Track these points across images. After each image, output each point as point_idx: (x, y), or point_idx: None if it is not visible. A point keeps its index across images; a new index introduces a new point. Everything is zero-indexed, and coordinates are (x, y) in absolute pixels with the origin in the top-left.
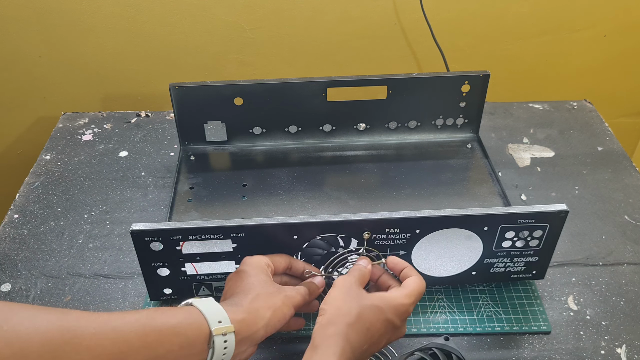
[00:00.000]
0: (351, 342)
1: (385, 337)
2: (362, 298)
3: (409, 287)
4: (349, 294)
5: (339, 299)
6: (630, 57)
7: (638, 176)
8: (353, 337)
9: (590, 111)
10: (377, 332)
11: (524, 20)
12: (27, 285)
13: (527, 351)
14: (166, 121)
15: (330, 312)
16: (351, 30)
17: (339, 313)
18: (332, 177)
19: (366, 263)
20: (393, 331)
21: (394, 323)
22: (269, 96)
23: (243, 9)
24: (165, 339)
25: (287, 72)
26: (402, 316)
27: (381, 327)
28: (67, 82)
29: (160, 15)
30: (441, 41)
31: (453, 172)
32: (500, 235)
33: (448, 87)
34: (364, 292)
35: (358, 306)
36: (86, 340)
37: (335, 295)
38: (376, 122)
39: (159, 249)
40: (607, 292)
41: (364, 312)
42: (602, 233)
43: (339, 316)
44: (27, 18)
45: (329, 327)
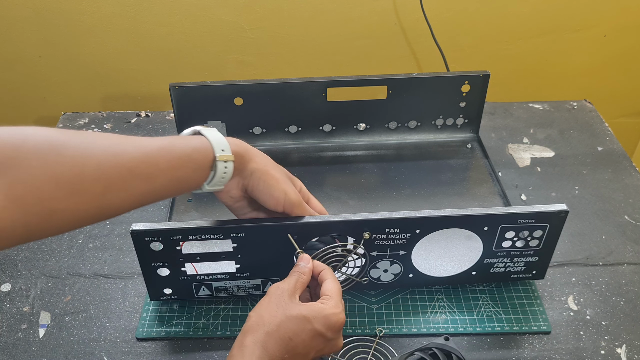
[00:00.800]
0: (269, 351)
1: (313, 348)
2: (289, 308)
3: (333, 294)
4: (276, 302)
5: (264, 307)
6: (630, 57)
7: (638, 176)
8: (271, 346)
9: (590, 111)
10: (302, 343)
11: (524, 20)
12: (27, 285)
13: (527, 351)
14: (166, 121)
15: (252, 319)
16: (351, 30)
17: (260, 321)
18: (332, 177)
19: (306, 263)
20: (324, 343)
21: (324, 335)
22: (269, 96)
23: (243, 9)
24: (184, 164)
25: (287, 72)
26: (335, 327)
27: (307, 337)
28: (67, 82)
29: (160, 15)
30: (441, 41)
31: (453, 172)
32: (500, 235)
33: (448, 87)
34: (294, 301)
35: (282, 315)
36: (127, 163)
37: (263, 303)
38: (376, 122)
39: (159, 249)
40: (607, 292)
41: (287, 322)
42: (602, 233)
43: (259, 325)
44: (27, 18)
45: (247, 335)
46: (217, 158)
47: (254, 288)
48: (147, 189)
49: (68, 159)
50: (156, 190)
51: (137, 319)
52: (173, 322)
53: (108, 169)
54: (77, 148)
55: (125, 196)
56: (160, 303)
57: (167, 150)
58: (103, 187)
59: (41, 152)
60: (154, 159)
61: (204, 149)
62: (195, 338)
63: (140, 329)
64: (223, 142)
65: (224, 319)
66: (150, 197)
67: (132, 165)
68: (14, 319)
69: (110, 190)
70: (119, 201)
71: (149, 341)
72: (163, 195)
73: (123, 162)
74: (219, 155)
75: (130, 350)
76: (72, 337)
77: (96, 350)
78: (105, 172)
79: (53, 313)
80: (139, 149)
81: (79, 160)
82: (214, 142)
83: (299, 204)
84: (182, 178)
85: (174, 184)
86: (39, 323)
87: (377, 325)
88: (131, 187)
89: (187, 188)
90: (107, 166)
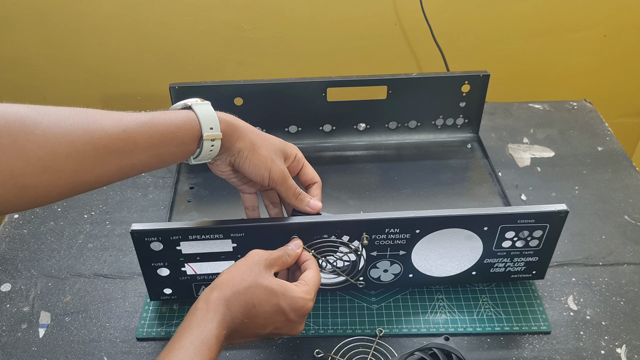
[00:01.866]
0: (232, 311)
1: (273, 323)
2: (261, 276)
3: (310, 283)
4: (250, 268)
5: (237, 268)
6: (630, 57)
7: (638, 176)
8: (235, 306)
9: (590, 111)
10: (264, 314)
11: (524, 20)
12: (27, 285)
13: (527, 351)
14: None
15: (223, 277)
16: (351, 30)
17: (230, 281)
18: (332, 177)
19: (295, 247)
20: (284, 322)
21: (286, 314)
22: (268, 96)
23: (243, 9)
24: (166, 140)
25: (287, 72)
26: (299, 311)
27: (269, 310)
28: (67, 82)
29: (160, 15)
30: (441, 41)
31: (453, 172)
32: (500, 235)
33: (448, 87)
34: (268, 273)
35: (252, 281)
36: (103, 140)
37: (238, 265)
38: (376, 122)
39: (159, 249)
40: (607, 292)
41: (254, 288)
42: (602, 233)
43: (228, 283)
44: (27, 18)
45: (214, 291)
46: (204, 137)
47: None
48: (125, 165)
49: (40, 137)
50: (135, 166)
51: (137, 319)
52: (173, 322)
53: (81, 145)
54: (50, 126)
55: (100, 172)
56: (160, 303)
57: (148, 126)
58: (77, 164)
59: (12, 129)
60: (133, 135)
61: (191, 126)
62: None
63: (140, 329)
64: (213, 119)
65: None
66: (130, 171)
67: (108, 142)
68: (14, 319)
69: (85, 167)
70: (94, 177)
71: (149, 341)
72: (144, 170)
73: (98, 139)
74: (206, 133)
75: (130, 350)
76: (72, 337)
77: (96, 350)
78: (79, 150)
79: (53, 313)
80: (117, 125)
81: (51, 138)
82: (203, 119)
83: (282, 182)
84: (165, 154)
85: (155, 160)
86: (39, 323)
87: (377, 325)
88: (107, 164)
89: (172, 162)
90: (80, 143)
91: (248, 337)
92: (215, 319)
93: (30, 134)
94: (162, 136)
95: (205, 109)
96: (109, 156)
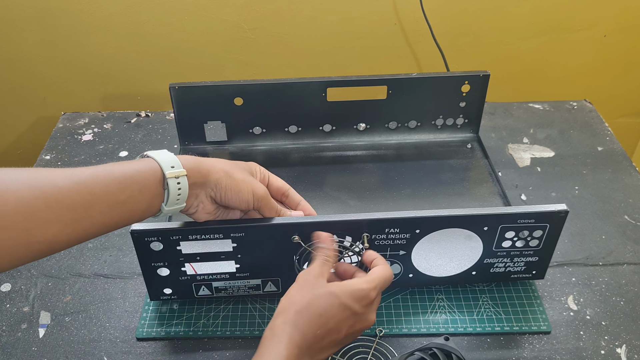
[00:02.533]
0: (300, 329)
1: (345, 323)
2: (317, 286)
3: (372, 274)
4: (304, 285)
5: (294, 290)
6: (630, 57)
7: (638, 176)
8: (302, 323)
9: (590, 111)
10: (333, 318)
11: (524, 20)
12: (27, 285)
13: (527, 351)
14: (166, 121)
15: (282, 303)
16: (351, 30)
17: (290, 302)
18: (332, 177)
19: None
20: (354, 317)
21: (351, 308)
22: (269, 96)
23: (243, 9)
24: (125, 187)
25: (287, 72)
26: (362, 301)
27: (337, 312)
28: (67, 82)
29: (160, 15)
30: (441, 41)
31: (453, 172)
32: (500, 235)
33: (448, 87)
34: (322, 281)
35: (310, 294)
36: (54, 195)
37: (291, 288)
38: (376, 122)
39: (159, 249)
40: (607, 292)
41: (316, 299)
42: (602, 233)
43: (289, 305)
44: (27, 18)
45: (277, 318)
46: (167, 175)
47: (254, 288)
48: (83, 218)
49: None
50: (96, 219)
51: (137, 319)
52: (173, 322)
53: (30, 200)
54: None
55: (56, 229)
56: (160, 303)
57: (102, 175)
58: (26, 221)
59: None
60: (87, 185)
61: (150, 168)
62: (195, 338)
63: (140, 329)
64: (172, 160)
65: (224, 319)
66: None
67: (60, 195)
68: (14, 319)
69: (37, 223)
70: (50, 235)
71: (149, 341)
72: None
73: (49, 194)
74: (168, 172)
75: (130, 350)
76: (72, 337)
77: (96, 350)
78: (28, 205)
79: (53, 313)
80: (68, 178)
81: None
82: (161, 160)
83: (266, 200)
84: (127, 202)
85: (118, 210)
86: (39, 323)
87: (377, 325)
88: (63, 219)
89: (139, 212)
90: (29, 198)
91: (328, 348)
92: (282, 341)
93: None
94: (120, 182)
95: (162, 152)
96: (63, 210)
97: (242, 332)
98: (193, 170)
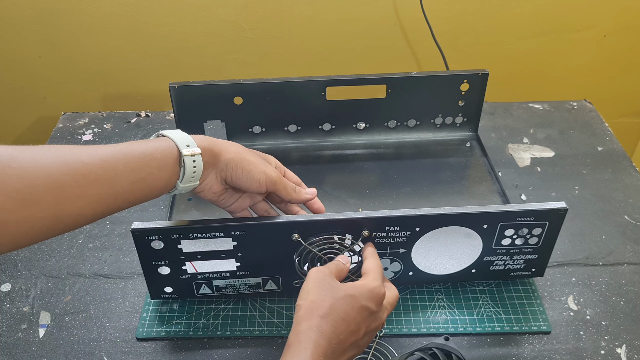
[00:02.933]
0: (325, 334)
1: (364, 324)
2: (335, 289)
3: (371, 270)
4: (322, 286)
5: (312, 292)
6: (630, 57)
7: (638, 176)
8: (327, 328)
9: (590, 111)
10: (354, 321)
11: (524, 20)
12: (27, 285)
13: (527, 351)
14: (166, 121)
15: (304, 307)
16: (351, 30)
17: (312, 307)
18: (331, 176)
19: (345, 260)
20: (370, 317)
21: (370, 308)
22: (268, 95)
23: (243, 9)
24: (145, 164)
25: (287, 72)
26: (377, 299)
27: (357, 315)
28: (67, 82)
29: (160, 15)
30: (441, 41)
31: (452, 171)
32: (500, 233)
33: (447, 86)
34: (338, 283)
35: (331, 297)
36: (81, 170)
37: (309, 288)
38: (375, 121)
39: (159, 248)
40: (607, 292)
41: (337, 304)
42: (602, 233)
43: (312, 310)
44: (27, 18)
45: (302, 323)
46: (183, 153)
47: (254, 286)
48: (107, 194)
49: (17, 171)
50: (119, 194)
51: (137, 319)
52: (173, 322)
53: (60, 176)
54: (26, 160)
55: (83, 203)
56: (160, 303)
57: (123, 152)
58: (57, 195)
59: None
60: (110, 162)
61: (167, 147)
62: (195, 338)
63: (140, 329)
64: (187, 139)
65: (224, 319)
66: (114, 202)
67: (86, 171)
68: (14, 319)
69: (65, 197)
70: (77, 209)
71: (149, 341)
72: (130, 199)
73: (76, 169)
74: (184, 150)
75: (130, 350)
76: (72, 337)
77: (96, 350)
78: (58, 180)
79: (53, 313)
80: (93, 155)
81: (29, 171)
82: (177, 140)
83: (279, 180)
84: (147, 178)
85: (138, 186)
86: (39, 323)
87: None
88: (89, 194)
89: (158, 189)
90: (58, 174)
91: (349, 350)
92: (308, 348)
93: (7, 167)
94: (140, 160)
95: (176, 132)
96: (89, 185)
97: (242, 332)
98: (206, 150)
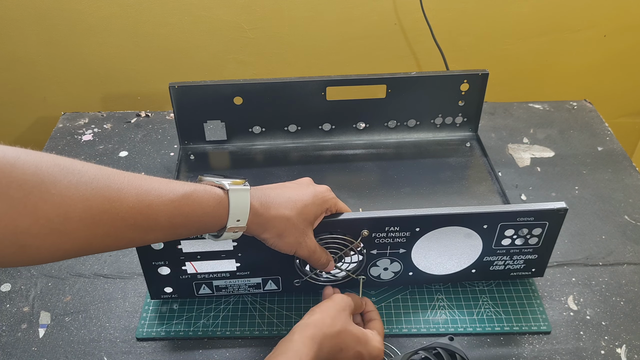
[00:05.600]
0: (322, 352)
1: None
2: (349, 323)
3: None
4: (340, 313)
5: (330, 311)
6: (630, 57)
7: (638, 176)
8: (326, 347)
9: (590, 111)
10: (346, 358)
11: (524, 20)
12: (27, 285)
13: (527, 351)
14: (166, 121)
15: (317, 316)
16: (351, 30)
17: (324, 321)
18: (331, 176)
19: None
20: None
21: (364, 357)
22: (268, 95)
23: (243, 9)
24: (189, 223)
25: (287, 72)
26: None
27: (352, 355)
28: (67, 82)
29: (160, 15)
30: (441, 41)
31: (452, 171)
32: (500, 233)
33: (447, 86)
34: (351, 319)
35: (342, 326)
36: (122, 213)
37: (328, 307)
38: (375, 121)
39: (159, 248)
40: (607, 292)
41: (344, 334)
42: (602, 233)
43: (323, 323)
44: (27, 18)
45: (310, 327)
46: (227, 228)
47: (254, 287)
48: (138, 239)
49: (55, 198)
50: (148, 241)
51: (137, 319)
52: (173, 322)
53: (98, 213)
54: (69, 187)
55: (111, 242)
56: (160, 303)
57: (173, 206)
58: (89, 231)
59: (27, 184)
60: (155, 213)
61: (219, 214)
62: (195, 338)
63: (140, 329)
64: (243, 210)
65: (224, 319)
66: (140, 244)
67: (127, 215)
68: (14, 319)
69: (97, 235)
70: (104, 246)
71: (149, 341)
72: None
73: (117, 210)
74: (230, 225)
75: (130, 350)
76: (72, 337)
77: (96, 350)
78: (95, 217)
79: (53, 313)
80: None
81: (67, 200)
82: (233, 210)
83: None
84: (182, 234)
85: (170, 237)
86: (39, 323)
87: None
88: (121, 236)
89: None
90: (97, 210)
91: None
92: (309, 355)
93: (46, 193)
94: (186, 218)
95: (240, 196)
96: (124, 229)
97: (242, 332)
98: (251, 226)
